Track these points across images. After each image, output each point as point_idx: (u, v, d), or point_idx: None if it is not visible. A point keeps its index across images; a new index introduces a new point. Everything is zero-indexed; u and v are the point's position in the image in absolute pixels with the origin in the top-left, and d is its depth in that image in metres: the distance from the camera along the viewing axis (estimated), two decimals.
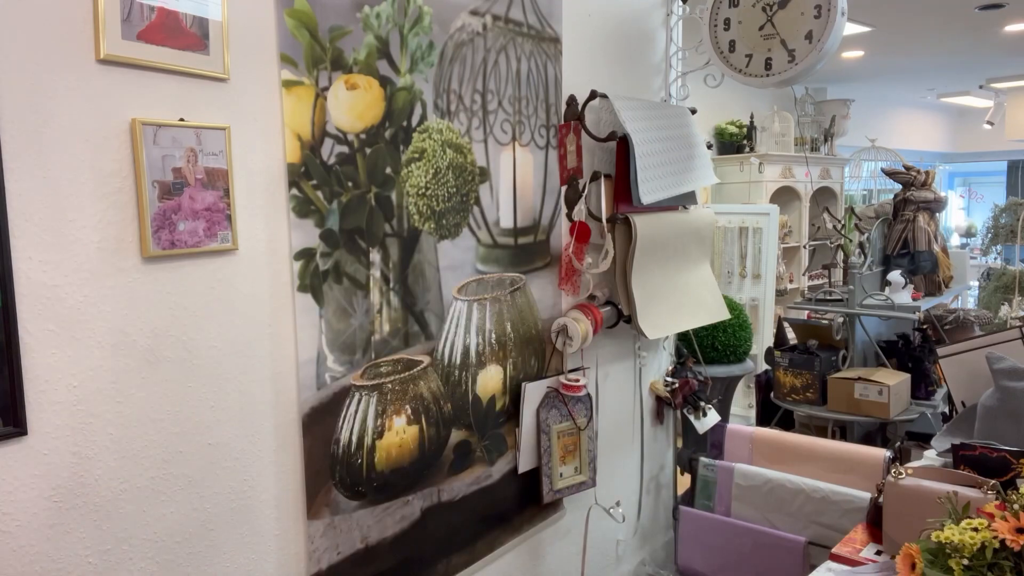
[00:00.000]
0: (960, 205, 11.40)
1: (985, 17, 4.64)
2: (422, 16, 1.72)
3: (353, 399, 1.64)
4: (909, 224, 3.29)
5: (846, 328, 3.18)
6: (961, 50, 5.64)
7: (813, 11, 2.17)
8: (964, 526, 1.17)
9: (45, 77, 1.16)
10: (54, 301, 1.19)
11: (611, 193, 2.23)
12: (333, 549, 1.62)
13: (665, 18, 2.59)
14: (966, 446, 1.64)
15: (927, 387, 3.00)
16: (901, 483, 1.48)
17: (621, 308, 2.28)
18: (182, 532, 1.38)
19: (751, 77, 2.30)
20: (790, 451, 2.37)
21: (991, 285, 5.41)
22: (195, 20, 1.31)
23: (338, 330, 1.60)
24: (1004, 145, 8.33)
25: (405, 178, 1.71)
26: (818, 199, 5.94)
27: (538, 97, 2.07)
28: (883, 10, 4.37)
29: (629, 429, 2.62)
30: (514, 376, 2.06)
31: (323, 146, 1.54)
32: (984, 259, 6.83)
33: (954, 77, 6.88)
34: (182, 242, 1.32)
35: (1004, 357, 1.87)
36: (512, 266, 2.04)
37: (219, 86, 1.37)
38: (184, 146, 1.31)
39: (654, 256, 2.28)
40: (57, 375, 1.20)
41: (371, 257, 1.65)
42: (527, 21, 2.01)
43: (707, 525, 2.40)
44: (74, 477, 1.23)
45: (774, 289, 4.63)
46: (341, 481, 1.63)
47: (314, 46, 1.51)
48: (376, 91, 1.63)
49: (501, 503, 2.07)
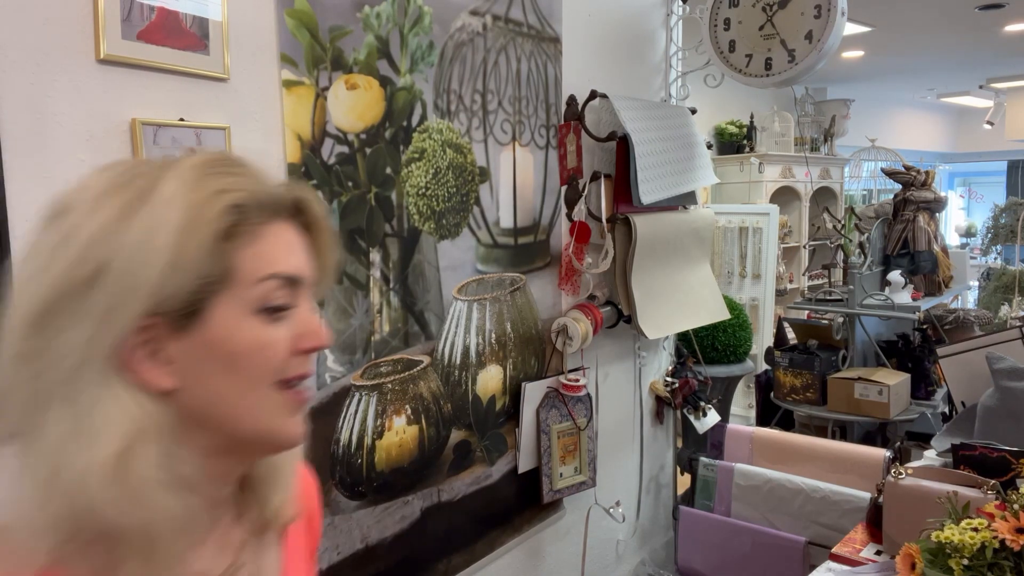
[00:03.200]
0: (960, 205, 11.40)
1: (985, 17, 4.64)
2: (422, 16, 1.72)
3: (353, 399, 1.64)
4: (909, 224, 3.28)
5: (846, 328, 3.18)
6: (961, 50, 5.64)
7: (813, 11, 2.17)
8: (964, 526, 1.17)
9: (45, 77, 1.16)
10: None
11: (611, 193, 2.23)
12: (333, 549, 1.62)
13: (665, 18, 2.59)
14: (966, 446, 1.64)
15: (927, 387, 3.00)
16: (901, 483, 1.48)
17: (621, 308, 2.28)
18: None
19: (751, 77, 2.30)
20: (790, 451, 2.37)
21: (991, 285, 5.41)
22: (195, 20, 1.31)
23: (338, 330, 1.60)
24: (1004, 145, 8.33)
25: (405, 178, 1.71)
26: (818, 199, 5.94)
27: (538, 97, 2.07)
28: (883, 10, 4.37)
29: (629, 429, 2.62)
30: (514, 376, 2.06)
31: (323, 146, 1.54)
32: (984, 259, 6.83)
33: (954, 77, 6.88)
34: None
35: (1004, 357, 1.87)
36: (512, 266, 2.04)
37: (219, 86, 1.37)
38: (184, 146, 1.31)
39: (654, 256, 2.28)
40: None
41: (371, 257, 1.65)
42: (527, 21, 2.01)
43: (707, 525, 2.40)
44: None
45: (774, 289, 4.63)
46: (341, 481, 1.63)
47: (314, 46, 1.51)
48: (376, 91, 1.63)
49: (501, 503, 2.07)
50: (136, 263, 0.57)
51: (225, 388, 0.61)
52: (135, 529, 0.56)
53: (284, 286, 0.64)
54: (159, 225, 0.57)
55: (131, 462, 0.56)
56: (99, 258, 0.57)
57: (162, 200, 0.58)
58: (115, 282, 0.56)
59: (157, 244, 0.57)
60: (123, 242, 0.57)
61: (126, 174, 0.61)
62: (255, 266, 0.61)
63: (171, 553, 0.58)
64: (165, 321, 0.59)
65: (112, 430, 0.56)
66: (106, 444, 0.56)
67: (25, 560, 0.55)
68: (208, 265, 0.59)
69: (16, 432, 0.58)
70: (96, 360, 0.57)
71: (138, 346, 0.58)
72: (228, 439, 0.63)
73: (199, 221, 0.58)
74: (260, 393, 0.62)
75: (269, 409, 0.63)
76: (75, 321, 0.56)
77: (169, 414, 0.59)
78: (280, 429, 0.64)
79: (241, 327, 0.61)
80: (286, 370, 0.63)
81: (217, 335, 0.60)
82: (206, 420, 0.61)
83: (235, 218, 0.61)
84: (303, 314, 0.66)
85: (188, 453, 0.60)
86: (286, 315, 0.64)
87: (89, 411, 0.56)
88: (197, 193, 0.59)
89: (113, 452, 0.56)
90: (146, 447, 0.57)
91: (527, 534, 2.18)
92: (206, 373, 0.60)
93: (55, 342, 0.57)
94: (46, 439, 0.56)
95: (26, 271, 0.59)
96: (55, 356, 0.56)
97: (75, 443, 0.56)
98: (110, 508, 0.55)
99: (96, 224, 0.58)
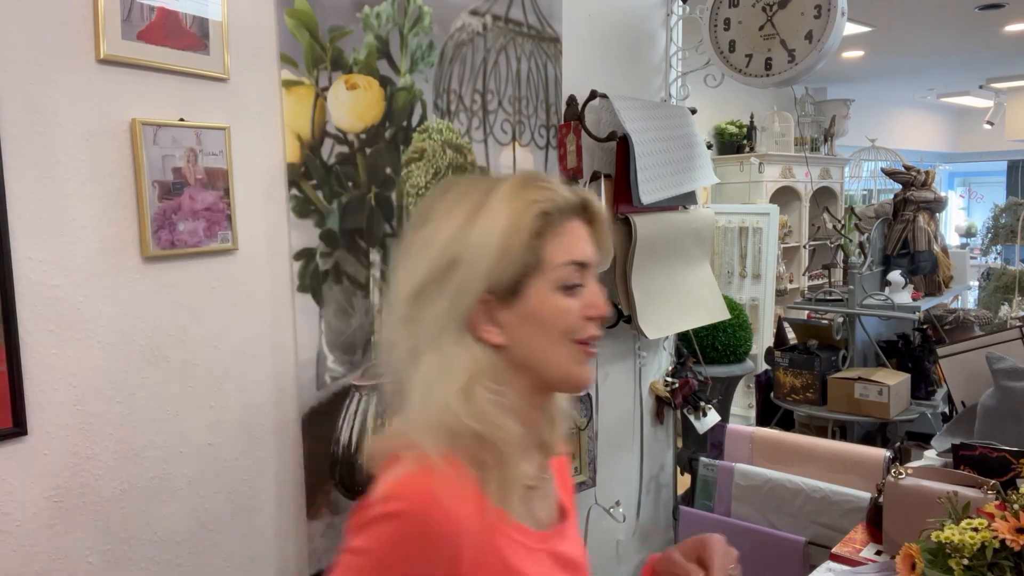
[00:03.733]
0: (960, 205, 11.39)
1: (985, 17, 4.64)
2: (422, 16, 1.72)
3: (353, 399, 1.64)
4: (909, 224, 3.28)
5: (846, 328, 3.18)
6: (961, 50, 5.64)
7: (813, 11, 2.16)
8: (964, 526, 1.17)
9: (45, 77, 1.16)
10: (54, 301, 1.19)
11: (611, 193, 2.23)
12: (333, 549, 1.62)
13: (665, 18, 2.59)
14: (966, 446, 1.63)
15: (927, 387, 3.00)
16: (901, 483, 1.48)
17: (621, 308, 2.28)
18: (182, 532, 1.38)
19: (751, 77, 2.30)
20: (790, 451, 2.37)
21: (991, 285, 5.41)
22: (195, 20, 1.31)
23: (338, 330, 1.60)
24: (1004, 145, 8.33)
25: (405, 178, 1.71)
26: (818, 199, 5.94)
27: (538, 97, 2.07)
28: (883, 10, 4.37)
29: (629, 429, 2.62)
30: None
31: (323, 146, 1.54)
32: (984, 259, 6.83)
33: (954, 77, 6.88)
34: (182, 242, 1.32)
35: (1004, 357, 1.87)
36: None
37: (219, 86, 1.37)
38: (184, 146, 1.31)
39: (654, 256, 2.28)
40: (57, 375, 1.20)
41: (371, 257, 1.65)
42: (527, 21, 2.01)
43: (707, 525, 2.40)
44: (74, 477, 1.23)
45: (774, 289, 4.63)
46: (341, 481, 1.63)
47: (314, 46, 1.51)
48: (376, 91, 1.63)
49: None
50: (477, 256, 0.82)
51: (538, 343, 0.85)
52: (487, 435, 0.81)
53: (578, 269, 0.86)
54: (492, 228, 0.82)
55: (474, 391, 0.82)
56: (452, 253, 0.82)
57: (493, 210, 0.83)
58: (463, 270, 0.82)
59: (491, 242, 0.82)
60: (468, 241, 0.82)
61: (465, 191, 0.86)
62: (558, 255, 0.85)
63: (512, 455, 0.82)
64: (496, 296, 0.84)
65: (462, 370, 0.82)
66: (459, 378, 0.82)
67: (431, 448, 0.79)
68: (526, 256, 0.83)
69: (399, 370, 0.85)
70: (452, 323, 0.83)
71: (479, 314, 0.84)
72: (539, 380, 0.88)
73: (519, 225, 0.82)
74: (562, 347, 0.86)
75: (567, 358, 0.87)
76: (438, 296, 0.82)
77: (499, 362, 0.85)
78: (575, 373, 0.88)
79: (548, 300, 0.85)
80: (579, 331, 0.86)
81: (532, 306, 0.84)
82: (525, 366, 0.86)
83: (543, 221, 0.84)
84: (590, 289, 0.88)
85: (512, 391, 0.85)
86: (578, 291, 0.87)
87: (448, 358, 0.83)
88: (517, 203, 0.83)
89: (463, 384, 0.81)
90: (485, 382, 0.83)
91: None
92: (525, 333, 0.85)
93: (425, 311, 0.83)
94: (421, 375, 0.83)
95: (405, 262, 0.86)
96: (425, 320, 0.83)
97: (440, 378, 0.82)
98: (467, 419, 0.80)
99: (449, 229, 0.83)
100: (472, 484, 0.81)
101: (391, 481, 0.79)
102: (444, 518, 0.77)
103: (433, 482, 0.78)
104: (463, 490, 0.80)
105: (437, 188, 0.90)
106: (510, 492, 0.84)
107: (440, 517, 0.77)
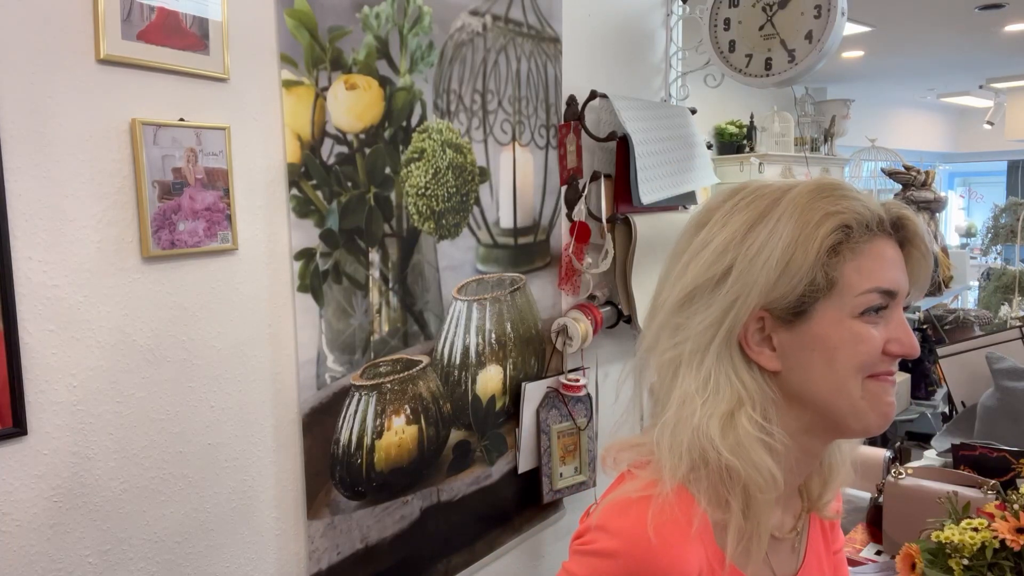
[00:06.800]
0: (960, 205, 11.40)
1: (985, 17, 4.64)
2: (422, 16, 1.72)
3: (353, 399, 1.64)
4: None
5: None
6: (961, 50, 5.64)
7: (813, 11, 2.16)
8: (964, 526, 1.17)
9: (45, 77, 1.16)
10: (54, 301, 1.19)
11: (611, 193, 2.23)
12: (333, 549, 1.62)
13: (665, 18, 2.59)
14: (966, 446, 1.64)
15: (927, 387, 3.00)
16: (901, 483, 1.49)
17: (621, 308, 2.28)
18: (182, 532, 1.38)
19: (751, 77, 2.30)
20: None
21: (991, 285, 5.41)
22: (195, 20, 1.31)
23: (338, 330, 1.60)
24: (1004, 145, 8.33)
25: (405, 178, 1.71)
26: None
27: (538, 97, 2.07)
28: (883, 10, 4.37)
29: (629, 429, 2.62)
30: (514, 376, 2.06)
31: (323, 146, 1.54)
32: (984, 259, 6.83)
33: (954, 77, 6.88)
34: (182, 242, 1.32)
35: (1004, 357, 1.87)
36: (512, 266, 2.04)
37: (219, 86, 1.37)
38: (184, 146, 1.31)
39: (654, 256, 2.28)
40: (57, 375, 1.20)
41: (370, 257, 1.65)
42: (527, 21, 2.01)
43: None
44: (74, 477, 1.23)
45: None
46: (341, 481, 1.63)
47: (314, 46, 1.51)
48: (376, 91, 1.63)
49: (501, 503, 2.07)
50: (754, 268, 0.73)
51: (822, 374, 0.74)
52: (739, 472, 0.71)
53: (882, 296, 0.75)
54: (773, 239, 0.73)
55: (737, 419, 0.72)
56: (726, 262, 0.74)
57: (778, 219, 0.73)
58: (737, 281, 0.73)
59: (770, 254, 0.72)
60: (744, 250, 0.74)
61: (750, 196, 0.78)
62: (857, 279, 0.73)
63: (764, 500, 0.72)
64: (774, 315, 0.74)
65: (726, 393, 0.73)
66: (720, 402, 0.73)
67: (668, 472, 0.73)
68: (816, 274, 0.72)
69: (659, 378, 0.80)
70: (719, 338, 0.74)
71: (752, 332, 0.75)
72: (818, 418, 0.76)
73: (808, 238, 0.72)
74: (854, 382, 0.74)
75: (859, 395, 0.75)
76: (706, 307, 0.75)
77: (770, 391, 0.75)
78: (867, 412, 0.76)
79: (841, 327, 0.74)
80: (876, 366, 0.75)
81: (820, 331, 0.74)
82: (801, 400, 0.75)
83: (841, 236, 0.73)
84: (896, 320, 0.77)
85: (780, 428, 0.75)
86: (881, 319, 0.75)
87: (710, 376, 0.74)
88: (808, 214, 0.73)
89: (725, 410, 0.73)
90: (749, 411, 0.73)
91: (527, 534, 2.18)
92: (807, 361, 0.74)
93: (691, 321, 0.76)
94: (678, 390, 0.76)
95: (674, 268, 0.81)
96: (690, 331, 0.76)
97: (699, 397, 0.74)
98: (722, 449, 0.71)
99: (725, 236, 0.75)
100: (704, 528, 0.73)
101: (615, 509, 0.75)
102: (659, 570, 0.70)
103: (657, 524, 0.71)
104: (689, 538, 0.71)
105: (717, 192, 0.82)
106: (750, 545, 0.74)
107: (656, 568, 0.70)
